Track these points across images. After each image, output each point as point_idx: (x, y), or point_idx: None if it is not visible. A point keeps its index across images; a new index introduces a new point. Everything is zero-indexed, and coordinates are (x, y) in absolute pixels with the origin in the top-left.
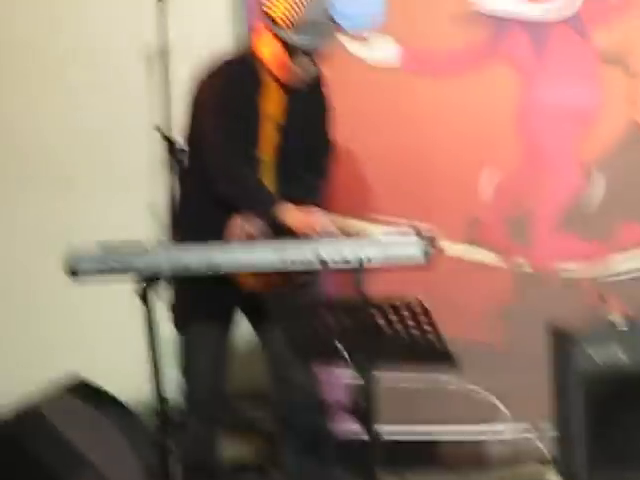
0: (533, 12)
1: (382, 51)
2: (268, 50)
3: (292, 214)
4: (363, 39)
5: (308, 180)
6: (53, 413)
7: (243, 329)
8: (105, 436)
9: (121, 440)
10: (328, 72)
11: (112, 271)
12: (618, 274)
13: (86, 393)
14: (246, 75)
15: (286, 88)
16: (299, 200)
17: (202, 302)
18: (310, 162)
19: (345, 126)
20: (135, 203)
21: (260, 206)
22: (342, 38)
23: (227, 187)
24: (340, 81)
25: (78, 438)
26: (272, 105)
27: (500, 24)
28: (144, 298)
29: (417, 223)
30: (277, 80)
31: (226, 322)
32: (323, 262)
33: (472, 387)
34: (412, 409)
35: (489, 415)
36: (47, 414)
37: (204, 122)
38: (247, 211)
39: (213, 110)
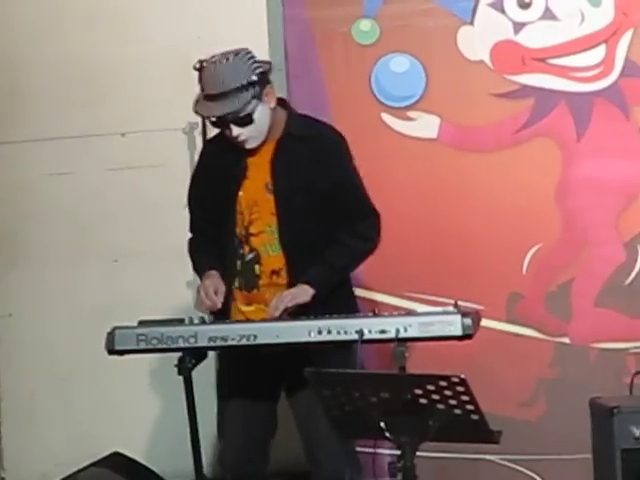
0: (575, 87)
1: (424, 127)
2: None
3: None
4: (406, 116)
5: (347, 243)
6: None
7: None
8: None
9: None
10: (370, 148)
11: (152, 349)
12: None
13: (122, 465)
14: (222, 144)
15: (268, 147)
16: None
17: (241, 374)
18: (350, 227)
19: (385, 201)
20: (177, 280)
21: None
22: (384, 115)
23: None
24: (381, 156)
25: None
26: (255, 167)
27: (541, 98)
28: (185, 375)
29: (458, 300)
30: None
31: (264, 397)
32: (359, 332)
33: (513, 465)
34: None
35: None
36: None
37: None
38: None
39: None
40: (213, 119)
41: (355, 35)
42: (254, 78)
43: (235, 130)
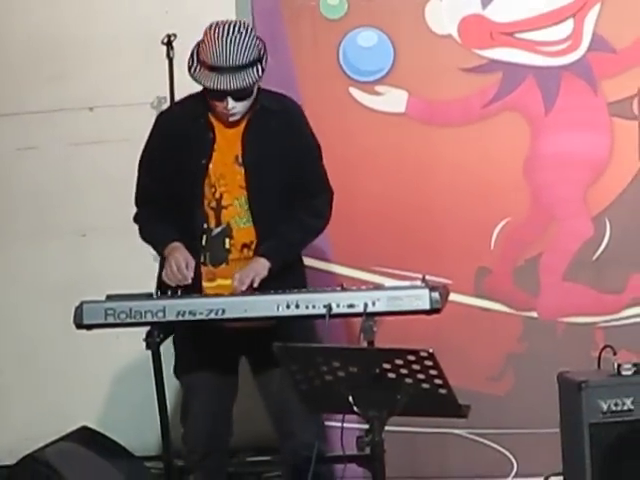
0: (543, 62)
1: (392, 102)
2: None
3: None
4: (374, 91)
5: (304, 221)
6: (56, 459)
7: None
8: None
9: None
10: (337, 122)
11: (121, 323)
12: (626, 318)
13: (89, 439)
14: (185, 115)
15: (240, 121)
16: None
17: (201, 349)
18: (305, 203)
19: (354, 176)
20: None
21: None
22: (352, 89)
23: (138, 218)
24: (349, 131)
25: None
26: (225, 140)
27: (509, 73)
28: (153, 349)
29: (426, 275)
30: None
31: (227, 370)
32: (327, 306)
33: (482, 440)
34: (418, 460)
35: (498, 467)
36: (51, 460)
37: None
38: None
39: (144, 149)
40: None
41: (323, 9)
42: (261, 55)
43: (231, 103)
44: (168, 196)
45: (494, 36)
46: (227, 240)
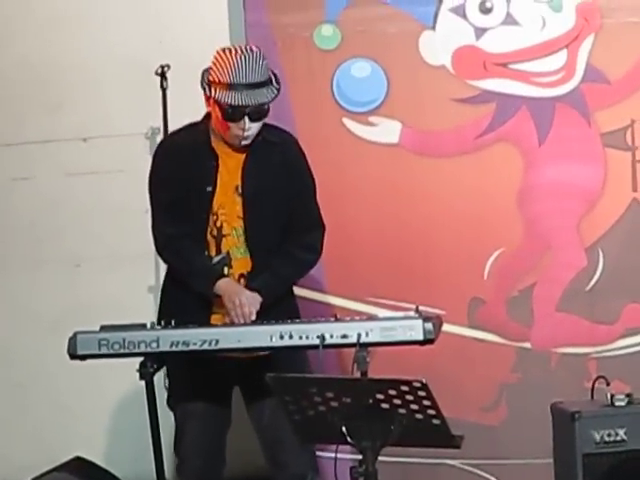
0: (536, 92)
1: (386, 133)
2: (213, 114)
3: (226, 288)
4: (367, 122)
5: (296, 256)
6: None
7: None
8: None
9: None
10: (331, 153)
11: (114, 354)
12: (619, 349)
13: (82, 469)
14: (187, 143)
15: (241, 152)
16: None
17: (194, 380)
18: (298, 238)
19: (347, 206)
20: (139, 285)
21: (198, 289)
22: (346, 120)
23: (170, 262)
24: (342, 161)
25: None
26: (226, 170)
27: (503, 103)
28: (146, 379)
29: (419, 305)
30: (227, 144)
31: (220, 401)
32: (321, 337)
33: (475, 470)
34: None
35: None
36: None
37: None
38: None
39: (149, 185)
40: (233, 107)
41: (317, 40)
42: (273, 74)
43: (248, 123)
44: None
45: (488, 67)
46: (226, 269)
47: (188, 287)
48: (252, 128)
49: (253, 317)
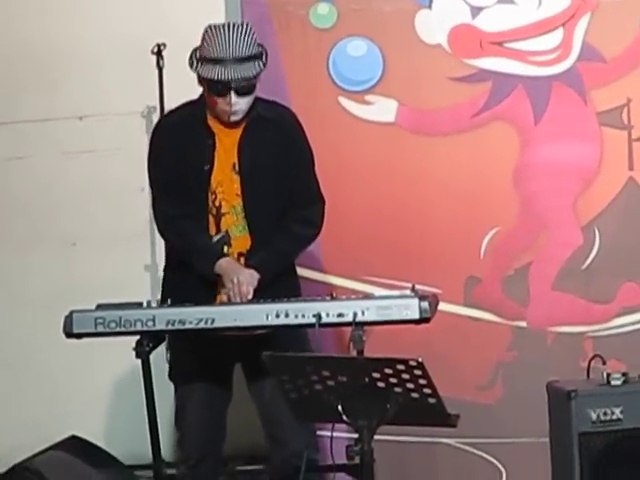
0: (532, 71)
1: (382, 111)
2: (204, 91)
3: (226, 267)
4: (363, 100)
5: (295, 231)
6: (46, 468)
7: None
8: None
9: None
10: (327, 131)
11: (110, 332)
12: (615, 327)
13: (78, 448)
14: (184, 122)
15: (237, 129)
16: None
17: (196, 355)
18: (296, 212)
19: (343, 185)
20: (135, 264)
21: (199, 268)
22: (342, 99)
23: (172, 242)
24: (338, 140)
25: None
26: (223, 148)
27: (499, 82)
28: (143, 358)
29: (415, 284)
30: (223, 122)
31: (221, 377)
32: (317, 316)
33: (471, 449)
34: (408, 470)
35: (487, 476)
36: (40, 469)
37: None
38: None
39: (148, 166)
40: (217, 82)
41: (313, 19)
42: (262, 50)
43: (234, 98)
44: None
45: (484, 46)
46: (226, 248)
47: (190, 267)
48: (239, 103)
49: (250, 296)
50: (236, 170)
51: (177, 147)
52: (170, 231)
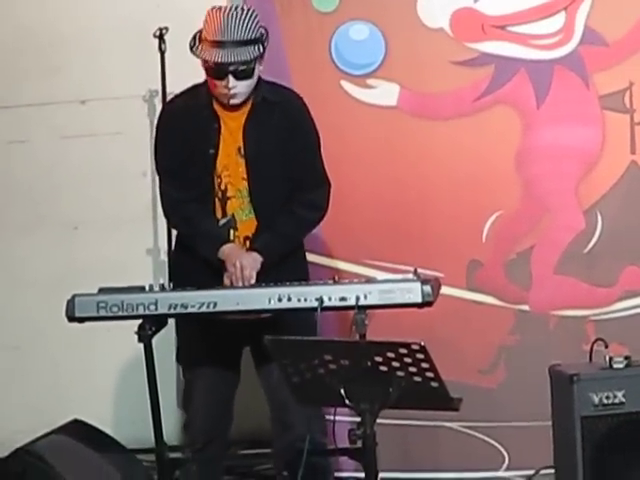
0: (535, 55)
1: (384, 95)
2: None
3: (229, 253)
4: (365, 84)
5: (299, 214)
6: (48, 452)
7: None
8: (100, 474)
9: (116, 478)
10: (329, 115)
11: (113, 316)
12: (617, 311)
13: (81, 432)
14: (189, 106)
15: (242, 113)
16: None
17: (204, 338)
18: (301, 196)
19: (345, 169)
20: (137, 248)
21: (204, 253)
22: (344, 82)
23: (177, 226)
24: (340, 124)
25: (73, 476)
26: (228, 131)
27: (501, 66)
28: (145, 342)
29: (418, 268)
30: (225, 105)
31: (229, 360)
32: (319, 299)
33: (473, 433)
34: (410, 453)
35: (490, 460)
36: (42, 452)
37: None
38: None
39: (154, 151)
40: (215, 65)
41: (315, 2)
42: (262, 34)
43: (232, 82)
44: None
45: (486, 29)
46: (232, 232)
47: (195, 251)
48: (238, 87)
49: (253, 280)
50: (241, 154)
51: (182, 131)
52: (175, 215)
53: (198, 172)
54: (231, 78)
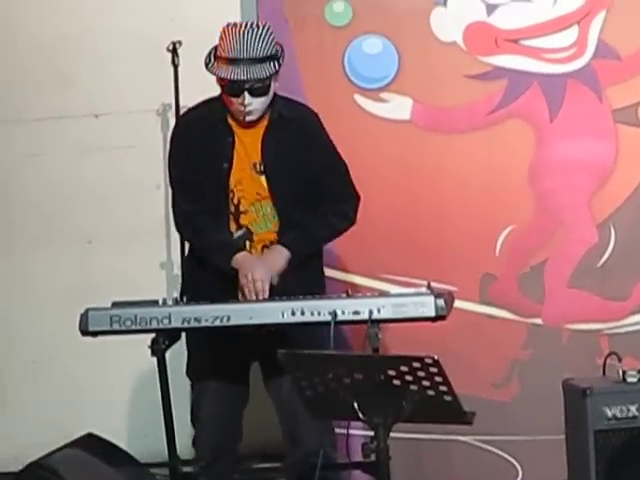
0: (548, 69)
1: (397, 109)
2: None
3: (242, 262)
4: (379, 98)
5: (330, 220)
6: (62, 466)
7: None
8: None
9: None
10: (343, 129)
11: (126, 330)
12: (631, 325)
13: (94, 446)
14: (204, 120)
15: (257, 128)
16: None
17: (213, 353)
18: (332, 206)
19: (359, 182)
20: (151, 262)
21: (217, 263)
22: (357, 96)
23: (190, 238)
24: (354, 137)
25: None
26: (242, 146)
27: (514, 80)
28: (158, 356)
29: (431, 282)
30: (240, 121)
31: (238, 376)
32: (332, 313)
33: (487, 446)
34: (424, 467)
35: (503, 474)
36: (56, 467)
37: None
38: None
39: (168, 162)
40: (231, 82)
41: (328, 16)
42: (277, 52)
43: (248, 99)
44: (207, 196)
45: (499, 43)
46: (248, 243)
47: (208, 263)
48: (254, 103)
49: (266, 294)
50: (257, 169)
51: (196, 145)
52: (187, 227)
53: (211, 185)
54: (247, 95)
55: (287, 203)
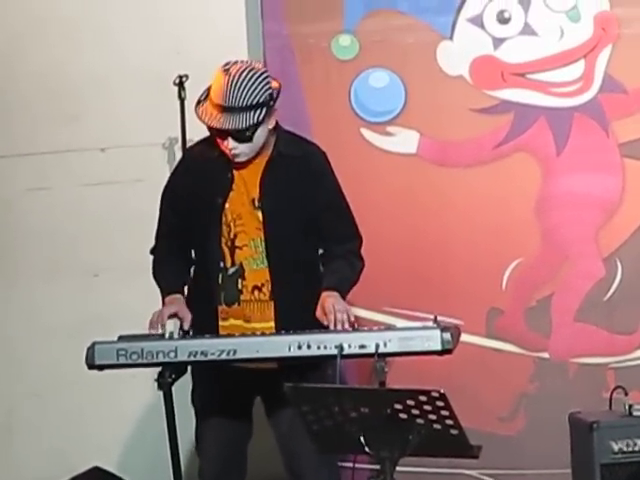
0: (554, 102)
1: (404, 143)
2: None
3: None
4: (385, 132)
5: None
6: None
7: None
8: None
9: None
10: (349, 163)
11: (132, 364)
12: (637, 359)
13: (100, 479)
14: (207, 154)
15: (257, 164)
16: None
17: (216, 387)
18: (340, 247)
19: (365, 216)
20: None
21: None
22: (364, 130)
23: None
24: (360, 171)
25: None
26: (242, 181)
27: (521, 114)
28: (165, 389)
29: (437, 315)
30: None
31: (241, 411)
32: (339, 347)
33: None
34: None
35: None
36: None
37: None
38: None
39: (161, 195)
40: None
41: (335, 50)
42: (265, 100)
43: (232, 143)
44: (187, 230)
45: (505, 77)
46: (240, 281)
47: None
48: (240, 148)
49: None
50: (256, 205)
51: (192, 183)
52: (161, 244)
53: (205, 220)
54: (231, 140)
55: (280, 240)
